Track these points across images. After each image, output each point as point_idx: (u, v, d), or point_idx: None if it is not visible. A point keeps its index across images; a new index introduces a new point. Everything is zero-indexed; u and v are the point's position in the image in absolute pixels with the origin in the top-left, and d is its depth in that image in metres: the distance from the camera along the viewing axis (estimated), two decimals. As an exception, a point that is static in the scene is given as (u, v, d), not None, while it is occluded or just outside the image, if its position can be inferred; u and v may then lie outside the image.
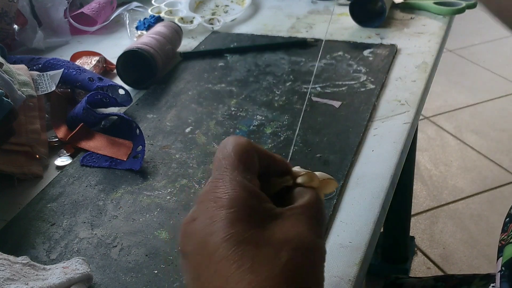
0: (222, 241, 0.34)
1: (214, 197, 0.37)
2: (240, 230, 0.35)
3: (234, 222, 0.35)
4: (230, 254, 0.34)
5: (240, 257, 0.34)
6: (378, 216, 0.60)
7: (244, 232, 0.35)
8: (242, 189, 0.37)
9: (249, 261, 0.33)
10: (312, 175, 0.43)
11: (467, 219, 1.82)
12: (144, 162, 0.69)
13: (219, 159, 0.39)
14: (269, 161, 0.41)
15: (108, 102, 0.78)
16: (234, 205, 0.36)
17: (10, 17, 0.96)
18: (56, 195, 0.65)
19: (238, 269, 0.33)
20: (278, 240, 0.35)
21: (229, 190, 0.37)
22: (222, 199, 0.36)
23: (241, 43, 1.01)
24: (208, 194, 0.37)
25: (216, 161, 0.39)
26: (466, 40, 2.91)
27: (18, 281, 0.49)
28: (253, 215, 0.36)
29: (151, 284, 0.53)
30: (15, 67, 0.74)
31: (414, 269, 1.64)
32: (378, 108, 0.80)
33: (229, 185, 0.37)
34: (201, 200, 0.38)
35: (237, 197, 0.36)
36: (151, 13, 1.10)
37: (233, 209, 0.35)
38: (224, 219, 0.35)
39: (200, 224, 0.36)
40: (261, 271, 0.33)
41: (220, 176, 0.38)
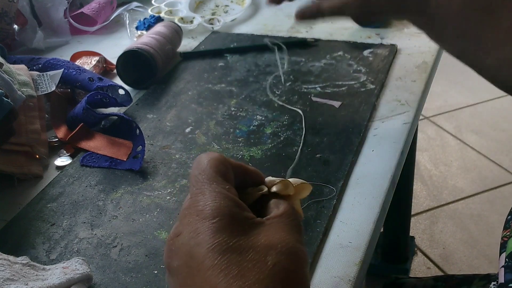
0: (208, 251, 0.35)
1: (196, 210, 0.37)
2: (224, 239, 0.35)
3: (218, 231, 0.36)
4: (217, 263, 0.34)
5: (226, 265, 0.34)
6: (378, 216, 0.60)
7: (228, 240, 0.35)
8: (222, 199, 0.38)
9: (236, 268, 0.34)
10: (286, 183, 0.43)
11: (467, 219, 1.82)
12: (144, 162, 0.69)
13: (196, 175, 0.40)
14: (243, 172, 0.42)
15: (108, 102, 0.78)
16: (216, 215, 0.36)
17: (10, 17, 0.96)
18: (56, 195, 0.65)
19: (226, 276, 0.34)
20: (262, 245, 0.36)
21: (210, 201, 0.37)
22: (204, 211, 0.37)
23: (241, 43, 1.01)
24: (190, 209, 0.38)
25: (193, 177, 0.40)
26: (466, 40, 2.90)
27: (18, 281, 0.49)
28: (236, 223, 0.37)
29: (151, 284, 0.53)
30: (15, 67, 0.74)
31: (414, 269, 1.64)
32: (378, 108, 0.80)
33: (209, 196, 0.38)
34: (183, 215, 0.38)
35: (218, 207, 0.37)
36: (151, 13, 1.10)
37: (216, 219, 0.36)
38: (208, 230, 0.36)
39: (185, 238, 0.37)
40: (249, 276, 0.34)
41: (199, 190, 0.39)
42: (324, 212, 0.60)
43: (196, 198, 0.39)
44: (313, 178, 0.65)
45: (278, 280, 0.34)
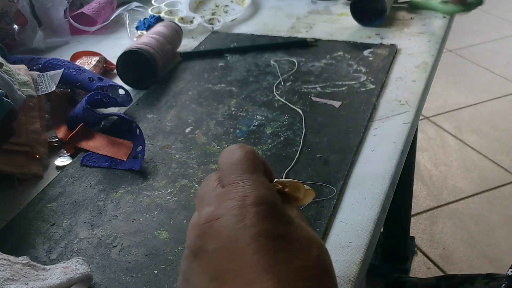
0: (257, 235, 0.36)
1: (238, 196, 0.38)
2: (271, 225, 0.36)
3: (265, 217, 0.37)
4: (266, 247, 0.35)
5: (275, 250, 0.35)
6: (378, 216, 0.60)
7: (275, 227, 0.36)
8: (265, 189, 0.39)
9: (285, 253, 0.35)
10: (299, 185, 0.44)
11: (467, 219, 1.82)
12: (144, 162, 0.69)
13: (231, 164, 0.40)
14: (265, 169, 0.43)
15: (108, 102, 0.78)
16: (262, 203, 0.37)
17: (10, 17, 0.96)
18: (56, 195, 0.65)
19: (276, 260, 0.35)
20: (305, 237, 0.37)
21: (253, 189, 0.38)
22: (248, 197, 0.38)
23: (241, 43, 1.01)
24: (229, 194, 0.38)
25: (228, 166, 0.41)
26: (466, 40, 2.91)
27: (18, 281, 0.48)
28: (279, 213, 0.38)
29: (151, 284, 0.53)
30: (15, 67, 0.74)
31: (414, 269, 1.63)
32: (378, 108, 0.80)
33: (252, 185, 0.39)
34: (220, 200, 0.39)
35: (263, 195, 0.38)
36: (151, 13, 1.10)
37: (263, 206, 0.37)
38: (254, 216, 0.37)
39: (227, 222, 0.37)
40: (297, 262, 0.35)
41: (239, 178, 0.39)
42: (324, 212, 0.60)
43: (236, 185, 0.39)
44: (313, 178, 0.65)
45: (321, 269, 0.36)
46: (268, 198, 0.38)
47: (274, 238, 0.36)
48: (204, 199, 0.40)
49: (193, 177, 0.67)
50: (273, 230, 0.36)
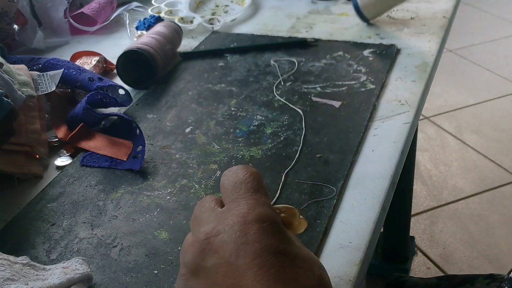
0: (261, 251, 0.36)
1: (240, 213, 0.38)
2: (275, 242, 0.36)
3: (269, 234, 0.37)
4: (272, 263, 0.35)
5: (280, 266, 0.35)
6: (378, 216, 0.60)
7: (280, 244, 0.36)
8: (268, 208, 0.39)
9: (289, 271, 0.35)
10: (294, 212, 0.44)
11: (467, 219, 1.82)
12: (144, 162, 0.69)
13: (235, 183, 0.40)
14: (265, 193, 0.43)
15: (108, 102, 0.78)
16: (266, 220, 0.37)
17: (10, 17, 0.96)
18: (56, 195, 0.65)
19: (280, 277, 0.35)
20: (306, 257, 0.37)
21: (256, 207, 0.38)
22: (251, 215, 0.38)
23: (241, 43, 1.01)
24: (231, 211, 0.38)
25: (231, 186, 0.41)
26: (466, 40, 2.91)
27: (18, 281, 0.49)
28: (282, 232, 0.38)
29: (151, 284, 0.53)
30: (15, 67, 0.74)
31: (414, 269, 1.64)
32: (378, 108, 0.80)
33: (255, 203, 0.39)
34: (221, 217, 0.38)
35: (266, 213, 0.38)
36: (151, 13, 1.10)
37: (266, 223, 0.37)
38: (258, 232, 0.36)
39: (228, 237, 0.37)
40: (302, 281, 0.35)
41: (243, 196, 0.39)
42: (324, 212, 0.60)
43: (238, 203, 0.39)
44: (313, 178, 0.65)
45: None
46: (271, 216, 0.38)
47: (278, 255, 0.36)
48: (202, 218, 0.40)
49: (193, 177, 0.67)
50: (277, 247, 0.36)
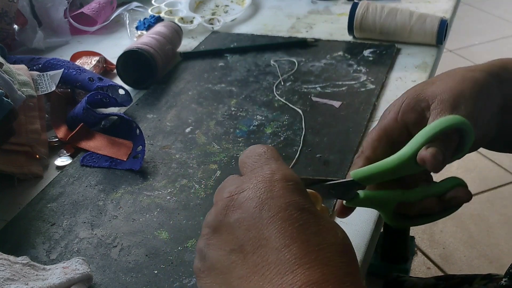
0: (287, 205, 0.36)
1: (265, 173, 0.38)
2: (301, 199, 0.37)
3: (294, 191, 0.37)
4: (296, 217, 0.36)
5: (305, 221, 0.36)
6: (378, 216, 0.60)
7: (304, 202, 0.37)
8: (291, 171, 0.39)
9: (314, 227, 0.36)
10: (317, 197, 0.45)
11: (467, 219, 1.82)
12: (144, 162, 0.69)
13: (255, 155, 0.41)
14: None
15: (108, 102, 0.78)
16: (290, 179, 0.38)
17: (10, 17, 0.96)
18: (56, 195, 0.65)
19: (305, 230, 0.35)
20: (328, 220, 0.37)
21: (281, 168, 0.39)
22: (276, 174, 0.38)
23: (241, 43, 1.01)
24: (255, 172, 0.39)
25: (251, 160, 0.41)
26: (466, 40, 2.91)
27: (18, 281, 0.49)
28: (305, 192, 0.38)
29: (151, 284, 0.53)
30: (15, 67, 0.74)
31: (414, 269, 1.63)
32: (378, 108, 0.80)
33: (279, 167, 0.39)
34: (247, 178, 0.39)
35: (290, 174, 0.38)
36: (151, 13, 1.10)
37: (291, 182, 0.38)
38: (283, 188, 0.37)
39: (254, 193, 0.37)
40: (327, 237, 0.35)
41: (265, 162, 0.40)
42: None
43: (262, 168, 0.39)
44: (313, 178, 0.65)
45: (346, 249, 0.36)
46: (295, 177, 0.38)
47: (302, 211, 0.36)
48: (225, 185, 0.40)
49: (193, 177, 0.67)
50: (303, 204, 0.36)
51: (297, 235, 0.35)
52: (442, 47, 0.99)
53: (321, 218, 0.37)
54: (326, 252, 0.35)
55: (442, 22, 0.94)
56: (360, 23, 0.97)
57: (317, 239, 0.35)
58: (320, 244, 0.35)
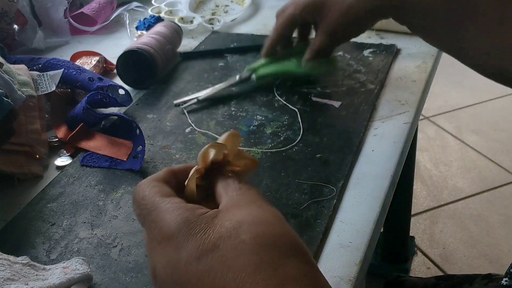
0: (186, 267, 0.35)
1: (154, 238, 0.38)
2: (192, 248, 0.35)
3: (183, 245, 0.35)
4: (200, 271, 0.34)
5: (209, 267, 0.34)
6: (378, 216, 0.60)
7: (197, 246, 0.35)
8: (169, 213, 0.37)
9: (218, 265, 0.34)
10: (237, 137, 0.43)
11: (467, 219, 1.82)
12: (144, 162, 0.69)
13: (138, 201, 0.40)
14: (179, 174, 0.43)
15: (108, 102, 0.78)
16: (173, 231, 0.36)
17: (10, 17, 0.96)
18: (56, 195, 0.65)
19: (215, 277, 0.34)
20: (231, 229, 0.35)
21: (160, 222, 0.38)
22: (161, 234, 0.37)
23: (241, 43, 1.01)
24: (151, 242, 0.38)
25: (136, 205, 0.41)
26: (466, 40, 2.90)
27: (18, 281, 0.49)
28: (194, 226, 0.36)
29: (151, 284, 0.53)
30: (15, 67, 0.74)
31: (414, 269, 1.64)
32: (378, 108, 0.80)
33: (157, 216, 0.38)
34: (149, 249, 0.39)
35: (169, 224, 0.37)
36: (151, 13, 1.10)
37: (175, 235, 0.36)
38: (174, 250, 0.36)
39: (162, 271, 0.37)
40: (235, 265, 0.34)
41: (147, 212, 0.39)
42: (324, 212, 0.60)
43: (149, 225, 0.39)
44: (313, 178, 0.65)
45: (264, 249, 0.34)
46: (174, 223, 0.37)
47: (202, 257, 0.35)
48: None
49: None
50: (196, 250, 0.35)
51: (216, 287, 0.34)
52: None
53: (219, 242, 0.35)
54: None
55: None
56: None
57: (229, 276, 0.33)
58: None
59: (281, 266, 0.34)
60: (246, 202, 0.38)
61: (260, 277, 0.33)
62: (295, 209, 0.61)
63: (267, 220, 0.36)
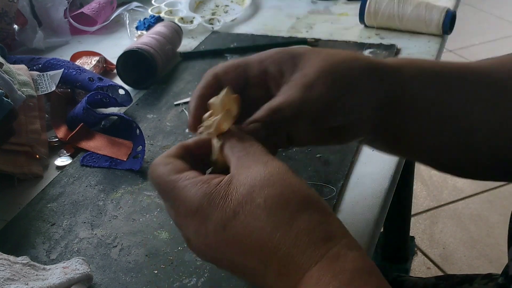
0: (214, 236, 0.40)
1: (178, 213, 0.43)
2: (216, 219, 0.39)
3: (207, 217, 0.40)
4: (227, 239, 0.39)
5: (233, 236, 0.39)
6: (378, 216, 0.60)
7: (220, 217, 0.39)
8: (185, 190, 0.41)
9: (241, 231, 0.39)
10: (237, 100, 0.46)
11: (467, 219, 1.82)
12: (144, 162, 0.69)
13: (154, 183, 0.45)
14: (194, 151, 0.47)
15: (108, 102, 0.78)
16: (196, 204, 0.40)
17: (10, 17, 0.96)
18: (56, 195, 0.65)
19: (240, 245, 0.39)
20: (245, 195, 0.39)
21: (181, 198, 0.42)
22: (184, 208, 0.42)
23: (241, 43, 1.01)
24: (177, 216, 0.44)
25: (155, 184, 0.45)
26: (466, 40, 2.91)
27: (18, 281, 0.49)
28: (213, 200, 0.40)
29: (151, 284, 0.53)
30: (15, 67, 0.74)
31: (414, 269, 1.64)
32: (378, 108, 0.80)
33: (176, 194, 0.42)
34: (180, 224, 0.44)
35: (191, 198, 0.41)
36: (151, 13, 1.10)
37: (199, 209, 0.40)
38: (200, 222, 0.40)
39: (196, 239, 0.42)
40: (254, 232, 0.39)
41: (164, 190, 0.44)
42: (324, 212, 0.60)
43: (171, 203, 0.43)
44: (313, 178, 0.65)
45: (278, 210, 0.38)
46: (193, 198, 0.40)
47: (226, 227, 0.39)
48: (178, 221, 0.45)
49: (193, 177, 0.67)
50: (221, 221, 0.40)
51: (236, 258, 0.40)
52: (442, 47, 0.99)
53: (238, 210, 0.39)
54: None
55: (449, 12, 0.98)
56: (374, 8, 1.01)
57: (251, 245, 0.38)
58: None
59: (295, 222, 0.37)
60: (254, 161, 0.41)
61: (279, 235, 0.37)
62: (295, 209, 0.61)
63: (275, 179, 0.39)
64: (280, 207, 0.38)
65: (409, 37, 1.00)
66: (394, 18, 1.00)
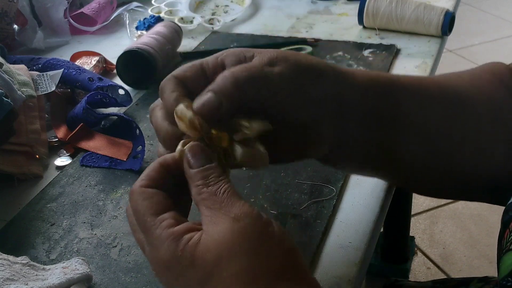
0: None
1: (157, 265, 0.41)
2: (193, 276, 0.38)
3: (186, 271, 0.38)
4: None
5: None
6: (378, 216, 0.60)
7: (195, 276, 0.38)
8: (161, 242, 0.39)
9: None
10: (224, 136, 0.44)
11: (467, 219, 1.82)
12: (144, 162, 0.69)
13: (131, 222, 0.43)
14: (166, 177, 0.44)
15: (108, 102, 0.78)
16: (170, 261, 0.39)
17: (10, 17, 0.96)
18: (56, 195, 0.65)
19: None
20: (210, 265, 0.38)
21: (158, 249, 0.40)
22: (162, 262, 0.40)
23: (241, 43, 1.01)
24: (156, 265, 0.41)
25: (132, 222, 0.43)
26: (466, 40, 2.91)
27: (17, 281, 0.49)
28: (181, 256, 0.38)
29: (151, 284, 0.53)
30: (15, 67, 0.74)
31: (414, 269, 1.64)
32: (378, 108, 0.80)
33: (152, 243, 0.40)
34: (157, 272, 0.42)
35: (164, 253, 0.39)
36: (151, 13, 1.10)
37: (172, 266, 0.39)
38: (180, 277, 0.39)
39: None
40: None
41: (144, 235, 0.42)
42: (324, 212, 0.60)
43: (145, 245, 0.42)
44: (313, 178, 0.65)
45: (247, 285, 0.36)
46: (166, 252, 0.39)
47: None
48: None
49: (193, 177, 0.67)
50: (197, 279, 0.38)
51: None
52: (442, 47, 0.99)
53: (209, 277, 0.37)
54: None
55: (448, 13, 0.97)
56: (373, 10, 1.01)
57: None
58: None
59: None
60: (223, 215, 0.38)
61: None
62: (295, 209, 0.61)
63: (244, 246, 0.37)
64: (250, 282, 0.35)
65: (409, 37, 1.00)
66: (393, 20, 1.00)
